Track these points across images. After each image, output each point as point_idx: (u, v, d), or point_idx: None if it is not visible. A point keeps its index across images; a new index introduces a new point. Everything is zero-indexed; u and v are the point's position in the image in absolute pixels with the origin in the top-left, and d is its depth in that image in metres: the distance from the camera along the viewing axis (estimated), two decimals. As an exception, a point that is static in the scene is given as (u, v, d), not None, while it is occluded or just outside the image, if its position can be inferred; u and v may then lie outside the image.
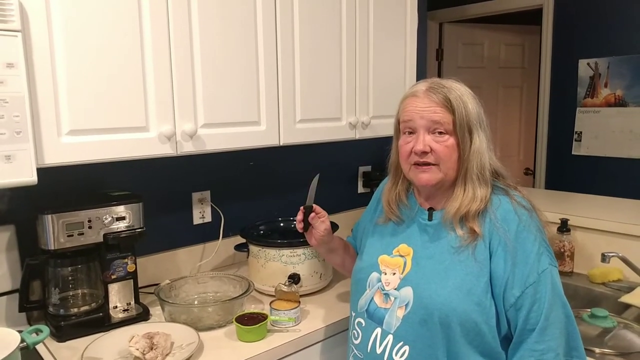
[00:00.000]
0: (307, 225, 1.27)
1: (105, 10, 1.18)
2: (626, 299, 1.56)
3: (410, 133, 1.09)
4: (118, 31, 1.20)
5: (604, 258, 1.58)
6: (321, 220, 1.27)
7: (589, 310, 1.43)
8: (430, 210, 1.13)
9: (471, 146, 1.05)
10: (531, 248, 1.02)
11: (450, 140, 1.05)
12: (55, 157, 1.14)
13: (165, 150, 1.31)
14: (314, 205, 1.27)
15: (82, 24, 1.15)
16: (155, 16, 1.25)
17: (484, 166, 1.06)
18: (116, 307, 1.41)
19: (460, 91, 1.07)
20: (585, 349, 1.08)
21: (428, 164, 1.06)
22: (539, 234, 1.04)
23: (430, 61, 3.57)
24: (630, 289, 1.62)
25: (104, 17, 1.18)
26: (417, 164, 1.08)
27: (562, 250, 1.78)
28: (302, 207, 1.27)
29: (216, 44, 1.38)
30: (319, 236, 1.27)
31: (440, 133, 1.05)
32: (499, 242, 1.02)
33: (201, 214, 1.80)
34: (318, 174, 1.29)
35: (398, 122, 1.14)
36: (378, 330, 1.09)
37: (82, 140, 1.18)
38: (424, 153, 1.05)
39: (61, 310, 1.35)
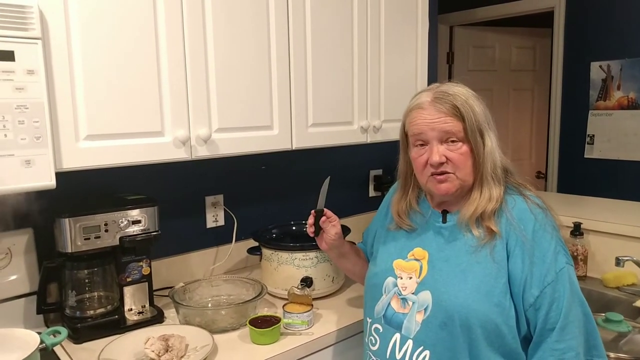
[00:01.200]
0: (318, 229, 1.27)
1: (122, 18, 1.20)
2: (641, 303, 1.55)
3: (421, 145, 1.08)
4: (134, 39, 1.22)
5: (619, 262, 1.57)
6: (332, 225, 1.27)
7: (604, 314, 1.42)
8: (445, 212, 1.13)
9: (484, 148, 1.06)
10: (548, 247, 1.02)
11: (464, 147, 1.05)
12: (73, 161, 1.16)
13: (180, 154, 1.33)
14: (325, 209, 1.27)
15: (99, 32, 1.17)
16: (171, 25, 1.27)
17: (496, 165, 1.07)
18: (131, 309, 1.42)
19: (465, 95, 1.06)
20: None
21: (445, 172, 1.06)
22: (555, 232, 1.04)
23: (441, 64, 3.57)
24: (644, 293, 1.61)
25: (121, 25, 1.20)
26: (434, 174, 1.07)
27: (575, 254, 1.77)
28: (313, 211, 1.27)
29: (230, 51, 1.40)
30: (329, 240, 1.28)
31: (453, 141, 1.05)
32: (516, 242, 1.02)
33: (214, 217, 1.82)
34: (328, 177, 1.29)
35: (405, 135, 1.14)
36: (397, 336, 1.09)
37: (99, 145, 1.20)
38: (441, 164, 1.05)
39: (77, 313, 1.37)
